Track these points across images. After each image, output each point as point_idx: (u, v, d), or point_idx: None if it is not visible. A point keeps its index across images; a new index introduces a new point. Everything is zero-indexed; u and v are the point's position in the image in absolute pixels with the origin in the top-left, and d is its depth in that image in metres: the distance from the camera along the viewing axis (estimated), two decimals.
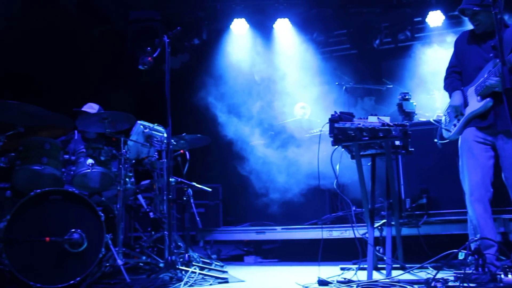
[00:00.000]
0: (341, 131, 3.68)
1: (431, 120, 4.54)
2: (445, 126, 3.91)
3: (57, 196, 3.73)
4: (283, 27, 7.92)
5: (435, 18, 7.47)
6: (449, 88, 3.87)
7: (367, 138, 3.66)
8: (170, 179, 4.37)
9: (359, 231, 4.11)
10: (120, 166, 4.19)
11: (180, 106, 6.42)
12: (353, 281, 3.40)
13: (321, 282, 3.47)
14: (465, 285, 2.93)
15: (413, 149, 4.00)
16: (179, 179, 4.96)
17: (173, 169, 4.66)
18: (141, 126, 4.60)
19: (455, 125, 3.78)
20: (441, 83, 4.03)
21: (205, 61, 7.86)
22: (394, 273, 3.62)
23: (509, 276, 2.98)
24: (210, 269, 4.37)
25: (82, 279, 3.61)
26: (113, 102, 4.89)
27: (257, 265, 5.62)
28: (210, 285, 3.80)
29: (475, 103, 3.62)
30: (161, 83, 4.20)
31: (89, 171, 4.14)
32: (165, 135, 4.59)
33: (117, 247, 3.90)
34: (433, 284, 2.98)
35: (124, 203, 4.57)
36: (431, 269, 3.66)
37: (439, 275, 3.09)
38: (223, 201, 7.03)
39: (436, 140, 4.07)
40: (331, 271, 3.91)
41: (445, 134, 3.92)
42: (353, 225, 4.05)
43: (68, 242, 3.62)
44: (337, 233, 5.19)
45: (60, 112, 4.10)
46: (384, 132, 3.61)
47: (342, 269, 4.18)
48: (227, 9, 7.84)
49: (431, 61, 6.94)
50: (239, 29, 7.96)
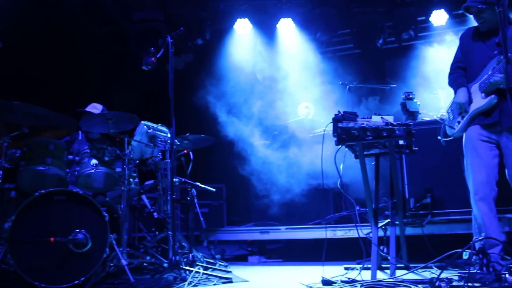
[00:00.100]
0: (344, 131, 3.67)
1: (435, 117, 4.52)
2: (449, 123, 3.89)
3: (61, 196, 3.74)
4: (286, 27, 7.92)
5: (438, 17, 7.46)
6: (454, 84, 3.85)
7: (370, 138, 3.65)
8: (174, 179, 4.37)
9: (363, 231, 4.10)
10: (124, 166, 4.20)
11: (184, 106, 6.42)
12: (357, 281, 3.40)
13: (325, 282, 3.46)
14: (470, 284, 2.92)
15: (417, 148, 3.99)
16: (183, 179, 4.96)
17: (177, 169, 4.66)
18: (145, 127, 4.60)
19: (459, 122, 3.76)
20: (445, 82, 4.02)
21: (208, 61, 7.87)
22: (398, 272, 3.61)
23: None
24: (214, 269, 4.37)
25: (87, 279, 3.62)
26: (117, 103, 4.90)
27: (261, 265, 5.62)
28: (214, 285, 3.80)
29: (479, 100, 3.61)
30: (164, 83, 4.20)
31: (93, 171, 4.15)
32: (168, 135, 4.60)
33: (121, 247, 3.91)
34: (437, 284, 2.96)
35: (128, 203, 4.58)
36: (435, 268, 3.65)
37: (443, 275, 3.08)
38: (227, 201, 7.04)
39: (439, 138, 4.06)
40: (335, 271, 3.91)
41: (449, 131, 3.90)
42: (357, 224, 4.05)
43: (73, 242, 3.63)
44: (341, 232, 5.18)
45: (64, 113, 4.12)
46: (387, 131, 3.60)
47: (346, 268, 4.17)
48: (230, 9, 7.85)
49: (435, 60, 6.93)
50: (242, 29, 7.96)
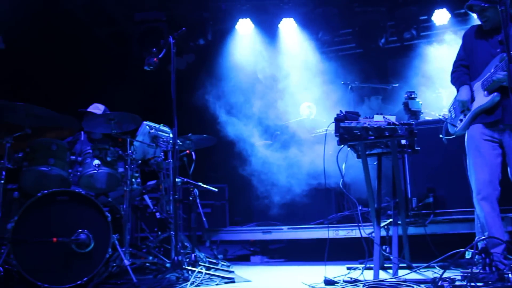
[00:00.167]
0: (346, 131, 3.67)
1: (438, 115, 4.51)
2: (451, 121, 3.88)
3: (64, 196, 3.75)
4: (288, 27, 7.92)
5: (440, 16, 7.45)
6: (456, 82, 3.84)
7: (373, 137, 3.64)
8: (176, 180, 4.38)
9: (365, 231, 4.09)
10: (127, 166, 4.20)
11: (186, 106, 6.43)
12: (359, 281, 3.39)
13: (328, 282, 3.46)
14: (473, 284, 2.91)
15: (419, 148, 3.98)
16: (185, 180, 4.97)
17: (179, 170, 4.67)
18: (147, 127, 4.61)
19: (461, 120, 3.75)
20: (447, 81, 4.01)
21: (210, 62, 7.88)
22: (401, 272, 3.61)
23: None
24: (217, 269, 4.37)
25: (89, 279, 3.63)
26: (119, 103, 4.90)
27: (263, 265, 5.62)
28: (217, 285, 3.80)
29: (482, 98, 3.60)
30: (166, 83, 4.21)
31: (95, 171, 4.16)
32: (171, 135, 4.60)
33: (124, 247, 3.91)
34: (440, 284, 2.96)
35: (131, 203, 4.59)
36: (438, 268, 3.64)
37: (446, 275, 3.07)
38: (229, 201, 7.04)
39: (441, 136, 4.05)
40: (337, 271, 3.90)
41: (451, 129, 3.89)
42: (360, 224, 4.04)
43: (75, 243, 3.64)
44: (343, 232, 5.18)
45: (66, 113, 4.13)
46: (390, 131, 3.59)
47: (348, 268, 4.17)
48: (232, 9, 7.86)
49: (437, 59, 6.91)
50: (244, 29, 7.97)
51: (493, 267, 3.07)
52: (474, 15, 3.80)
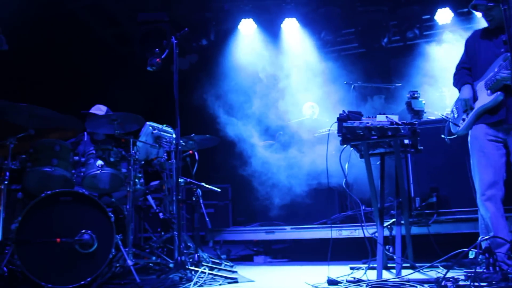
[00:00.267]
0: (349, 130, 3.67)
1: (441, 115, 4.50)
2: (453, 120, 3.87)
3: (67, 197, 3.76)
4: (291, 27, 7.91)
5: (443, 16, 7.43)
6: (458, 83, 3.84)
7: (375, 137, 3.64)
8: (179, 180, 4.38)
9: (368, 231, 4.09)
10: (130, 167, 4.21)
11: (189, 106, 6.43)
12: (362, 281, 3.39)
13: (331, 282, 3.45)
14: (476, 284, 2.91)
15: (422, 147, 3.97)
16: (188, 180, 4.97)
17: (182, 170, 4.67)
18: (150, 127, 4.62)
19: (463, 120, 3.74)
20: (450, 80, 4.00)
21: (213, 62, 7.89)
22: (404, 272, 3.60)
23: None
24: (220, 269, 4.37)
25: (93, 279, 3.63)
26: (122, 104, 4.92)
27: (266, 265, 5.62)
28: (220, 285, 3.80)
29: (485, 97, 3.59)
30: (169, 84, 4.21)
31: (98, 172, 4.17)
32: (174, 135, 4.61)
33: (127, 248, 3.92)
34: (443, 283, 2.95)
35: (134, 204, 4.59)
36: (441, 268, 3.64)
37: (449, 274, 3.06)
38: (232, 201, 7.05)
39: (443, 136, 4.04)
40: (340, 271, 3.90)
41: (453, 129, 3.88)
42: (363, 224, 4.04)
43: (79, 243, 3.65)
44: (346, 232, 5.17)
45: (69, 114, 4.14)
46: (392, 130, 3.59)
47: (351, 268, 4.16)
48: (234, 9, 7.86)
49: (440, 58, 6.91)
50: (247, 29, 7.97)
51: (496, 267, 3.06)
52: (479, 14, 3.78)
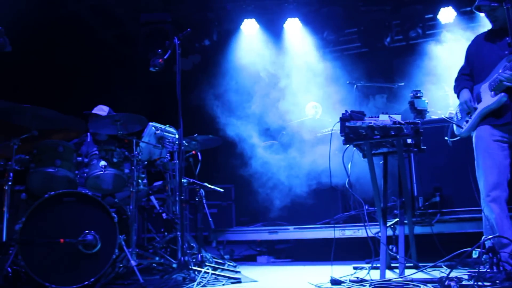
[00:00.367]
0: (352, 130, 3.66)
1: (443, 116, 4.50)
2: (457, 122, 3.87)
3: (70, 198, 3.77)
4: (293, 27, 7.91)
5: (446, 15, 7.41)
6: (457, 89, 3.87)
7: (378, 137, 3.63)
8: (182, 180, 4.39)
9: (371, 230, 4.08)
10: (133, 167, 4.22)
11: (192, 107, 6.45)
12: (366, 280, 3.39)
13: (334, 282, 3.45)
14: (480, 284, 2.90)
15: (425, 147, 3.96)
16: (191, 180, 4.98)
17: (185, 170, 4.68)
18: (153, 128, 4.63)
19: (467, 122, 3.74)
20: (453, 79, 4.00)
21: (215, 62, 7.89)
22: (407, 272, 3.60)
23: None
24: (223, 269, 4.38)
25: (96, 280, 3.64)
26: (125, 104, 4.94)
27: (270, 265, 5.62)
28: (223, 285, 3.80)
29: (488, 99, 3.57)
30: (172, 84, 4.22)
31: (102, 173, 4.18)
32: (176, 136, 4.62)
33: (131, 248, 3.93)
34: (447, 283, 2.94)
35: (137, 204, 4.61)
36: (444, 267, 3.62)
37: (453, 274, 3.06)
38: (236, 201, 7.05)
39: (446, 138, 4.03)
40: (344, 271, 3.90)
41: (457, 130, 3.87)
42: (366, 224, 4.03)
43: (82, 244, 3.66)
44: (349, 232, 5.17)
45: (72, 115, 4.15)
46: (395, 130, 3.58)
47: (355, 268, 4.16)
48: (236, 9, 7.86)
49: (443, 58, 6.88)
50: (249, 30, 7.97)
51: (500, 267, 3.04)
52: (482, 15, 3.77)
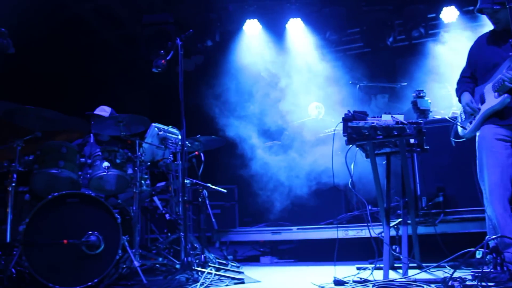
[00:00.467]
0: (355, 130, 3.66)
1: (446, 117, 4.49)
2: (461, 123, 3.87)
3: (74, 199, 3.78)
4: (296, 27, 7.91)
5: (449, 14, 7.38)
6: (458, 92, 3.89)
7: (381, 137, 3.63)
8: (186, 181, 4.39)
9: (375, 230, 4.08)
10: (136, 168, 4.23)
11: (194, 107, 6.45)
12: (369, 281, 3.38)
13: (337, 282, 3.45)
14: (484, 284, 2.89)
15: (428, 147, 3.96)
16: (194, 181, 4.98)
17: (188, 171, 4.68)
18: (156, 129, 4.63)
19: (471, 123, 3.73)
20: (456, 78, 4.00)
21: (218, 63, 7.89)
22: (411, 272, 3.59)
23: None
24: (226, 270, 4.38)
25: (100, 280, 3.65)
26: (128, 105, 4.95)
27: (273, 265, 5.62)
28: (226, 285, 3.80)
29: (492, 100, 3.57)
30: (175, 85, 4.22)
31: (105, 174, 4.19)
32: (179, 137, 4.62)
33: (134, 249, 3.93)
34: (450, 283, 2.94)
35: (140, 205, 4.61)
36: (448, 268, 3.61)
37: (456, 274, 3.05)
38: (239, 202, 7.05)
39: (451, 139, 4.02)
40: (347, 271, 3.89)
41: (461, 131, 3.87)
42: (369, 224, 4.03)
43: (86, 244, 3.67)
44: (352, 232, 5.16)
45: (75, 116, 4.17)
46: (398, 130, 3.58)
47: (358, 268, 4.15)
48: (239, 10, 7.86)
49: (446, 57, 6.86)
50: (252, 30, 7.97)
51: (504, 267, 3.04)
52: (484, 16, 3.77)
